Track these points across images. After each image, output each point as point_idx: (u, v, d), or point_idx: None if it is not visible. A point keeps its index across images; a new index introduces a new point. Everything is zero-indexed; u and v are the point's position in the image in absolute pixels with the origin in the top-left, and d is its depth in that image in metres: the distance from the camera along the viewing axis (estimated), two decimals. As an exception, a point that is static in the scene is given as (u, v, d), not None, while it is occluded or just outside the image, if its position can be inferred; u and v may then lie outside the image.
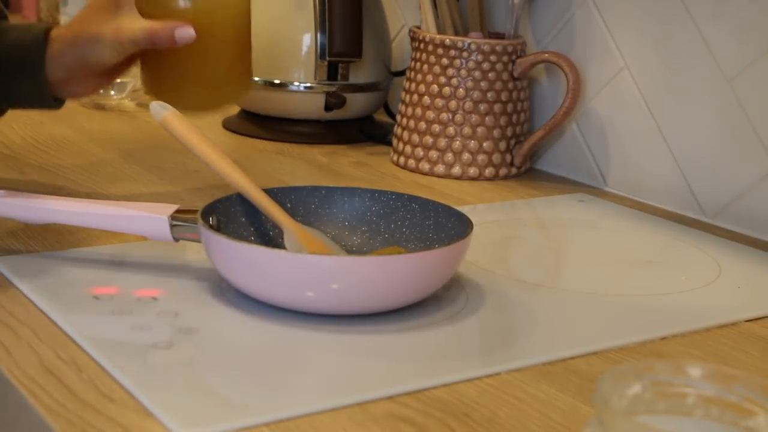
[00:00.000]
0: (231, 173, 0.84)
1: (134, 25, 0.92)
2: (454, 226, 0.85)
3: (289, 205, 0.87)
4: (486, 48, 1.21)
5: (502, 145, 1.23)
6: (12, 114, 1.35)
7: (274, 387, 0.67)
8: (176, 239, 0.82)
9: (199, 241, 0.81)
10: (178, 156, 1.17)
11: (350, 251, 0.87)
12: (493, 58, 1.21)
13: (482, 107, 1.21)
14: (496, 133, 1.22)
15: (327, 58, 1.30)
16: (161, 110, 0.87)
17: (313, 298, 0.75)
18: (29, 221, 0.83)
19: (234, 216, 0.84)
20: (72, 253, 0.87)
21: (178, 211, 0.82)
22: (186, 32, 0.91)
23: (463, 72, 1.21)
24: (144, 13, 0.93)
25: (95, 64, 0.93)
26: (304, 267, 0.74)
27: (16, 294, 0.78)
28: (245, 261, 0.75)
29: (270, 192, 0.86)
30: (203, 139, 0.86)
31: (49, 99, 0.96)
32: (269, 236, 0.86)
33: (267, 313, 0.76)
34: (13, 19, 1.02)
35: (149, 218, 0.81)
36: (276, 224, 0.84)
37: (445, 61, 1.21)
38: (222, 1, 0.98)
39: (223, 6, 0.98)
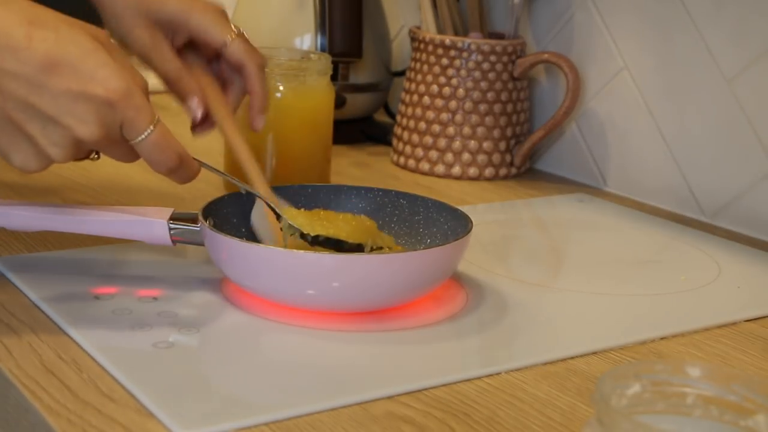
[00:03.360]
0: (227, 126, 0.85)
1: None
2: (447, 221, 0.85)
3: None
4: (486, 48, 1.21)
5: (502, 145, 1.23)
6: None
7: (274, 387, 0.67)
8: (174, 243, 0.82)
9: (196, 244, 0.81)
10: (178, 156, 1.17)
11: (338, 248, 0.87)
12: (493, 58, 1.21)
13: (482, 107, 1.21)
14: (496, 133, 1.22)
15: (327, 58, 1.30)
16: None
17: (314, 295, 0.75)
18: (25, 229, 0.82)
19: (226, 217, 0.84)
20: (72, 253, 0.87)
21: (173, 215, 0.82)
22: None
23: (463, 72, 1.21)
24: None
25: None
26: (305, 264, 0.74)
27: (16, 294, 0.78)
28: (247, 259, 0.75)
29: None
30: (219, 94, 0.86)
31: None
32: None
33: (267, 313, 0.76)
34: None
35: (148, 223, 0.81)
36: (251, 189, 0.84)
37: (445, 61, 1.21)
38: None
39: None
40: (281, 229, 0.82)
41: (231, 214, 0.85)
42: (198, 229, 0.80)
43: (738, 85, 1.08)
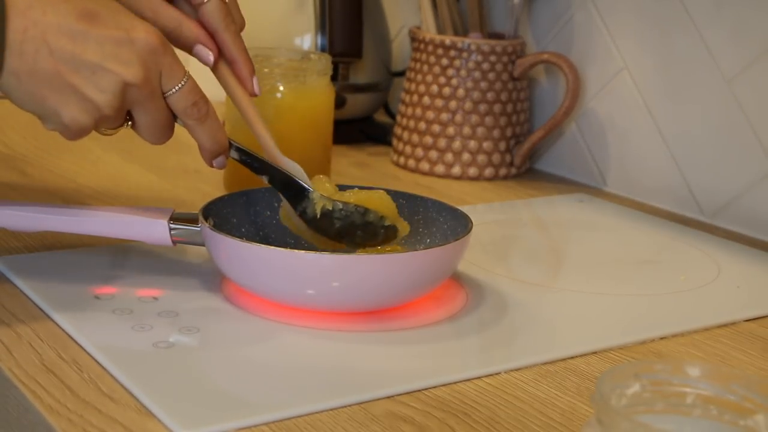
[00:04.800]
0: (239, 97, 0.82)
1: None
2: (447, 221, 0.85)
3: (276, 204, 0.88)
4: (486, 48, 1.21)
5: (502, 145, 1.23)
6: (13, 114, 1.35)
7: (274, 386, 0.67)
8: (174, 243, 0.82)
9: (196, 244, 0.81)
10: (179, 156, 1.17)
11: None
12: (492, 58, 1.21)
13: (482, 107, 1.21)
14: (495, 133, 1.22)
15: (327, 58, 1.30)
16: None
17: (314, 295, 0.75)
18: (25, 230, 0.82)
19: (226, 217, 0.84)
20: (72, 253, 0.87)
21: (173, 215, 0.82)
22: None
23: (463, 72, 1.21)
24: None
25: None
26: (304, 264, 0.74)
27: (16, 294, 0.78)
28: (247, 259, 0.76)
29: (258, 192, 0.87)
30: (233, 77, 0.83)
31: None
32: (259, 236, 0.86)
33: (267, 313, 0.76)
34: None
35: (148, 223, 0.81)
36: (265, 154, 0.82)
37: (445, 61, 1.21)
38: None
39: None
40: (298, 210, 0.82)
41: (231, 214, 0.85)
42: (198, 229, 0.80)
43: (738, 85, 1.08)
